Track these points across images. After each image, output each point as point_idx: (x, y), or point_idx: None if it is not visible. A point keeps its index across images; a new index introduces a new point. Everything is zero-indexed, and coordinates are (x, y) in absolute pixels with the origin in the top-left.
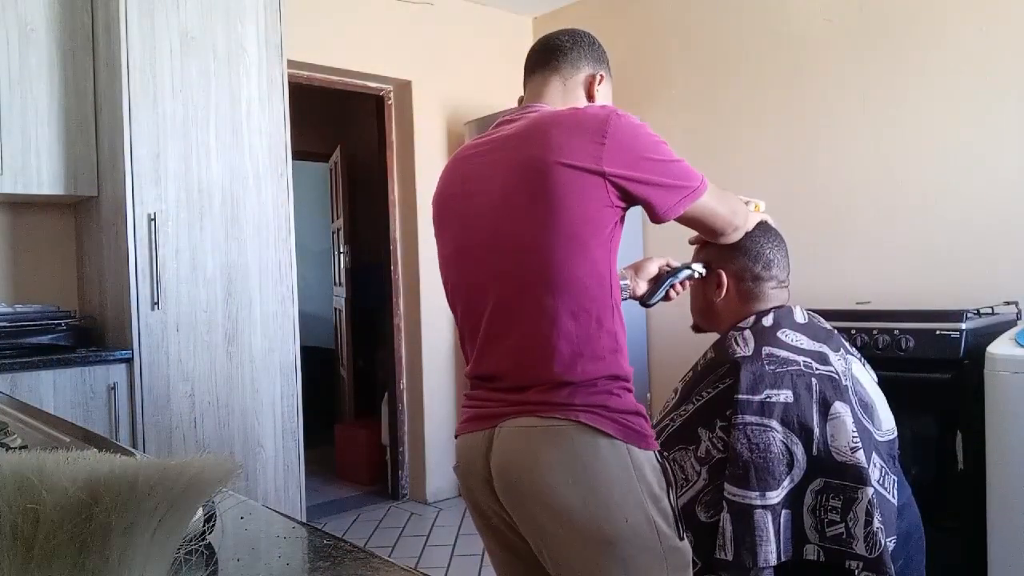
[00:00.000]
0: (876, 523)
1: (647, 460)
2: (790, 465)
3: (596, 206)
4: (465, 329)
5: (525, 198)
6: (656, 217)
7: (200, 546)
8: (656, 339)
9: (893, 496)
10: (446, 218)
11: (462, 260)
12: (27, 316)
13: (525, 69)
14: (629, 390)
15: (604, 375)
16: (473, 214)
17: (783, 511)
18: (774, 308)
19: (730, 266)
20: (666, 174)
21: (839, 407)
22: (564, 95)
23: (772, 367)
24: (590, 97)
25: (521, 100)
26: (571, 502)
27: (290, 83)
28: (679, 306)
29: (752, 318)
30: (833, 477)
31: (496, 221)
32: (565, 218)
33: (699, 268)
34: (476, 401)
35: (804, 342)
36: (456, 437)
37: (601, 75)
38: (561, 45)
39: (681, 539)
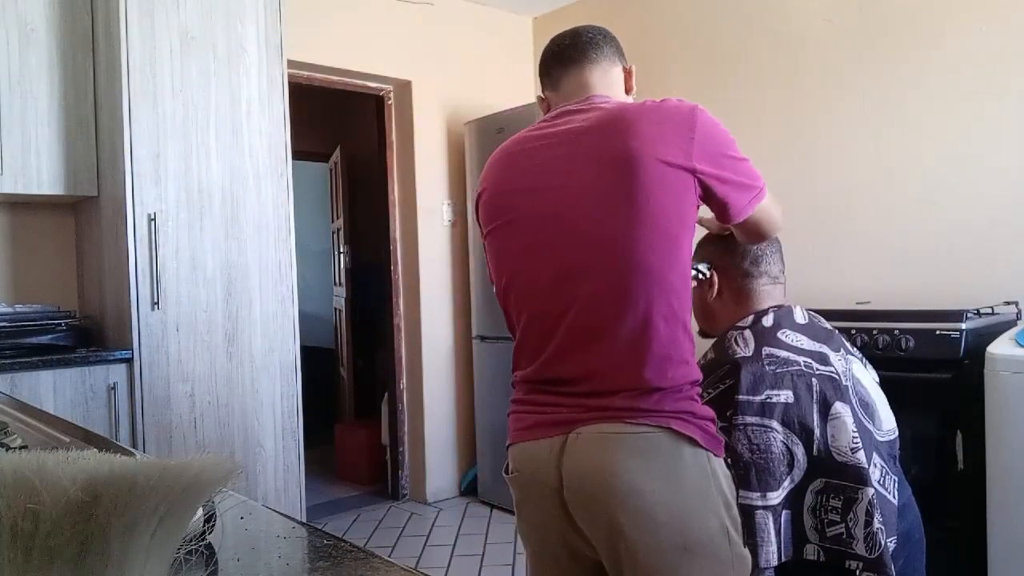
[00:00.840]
0: (876, 523)
1: (720, 467)
2: (790, 465)
3: (685, 204)
4: (532, 331)
5: (616, 194)
6: (729, 217)
7: (200, 546)
8: None
9: (894, 496)
10: (508, 214)
11: (535, 258)
12: (27, 316)
13: (554, 63)
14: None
15: (688, 380)
16: (550, 210)
17: (783, 511)
18: (773, 308)
19: (719, 264)
20: (741, 172)
21: (839, 407)
22: (607, 87)
23: (772, 367)
24: (628, 90)
25: (543, 99)
26: (658, 509)
27: (290, 83)
28: None
29: (751, 318)
30: (833, 477)
31: (582, 218)
32: (660, 216)
33: (703, 268)
34: (540, 407)
35: (804, 342)
36: (512, 444)
37: (633, 68)
38: (594, 39)
39: (744, 546)
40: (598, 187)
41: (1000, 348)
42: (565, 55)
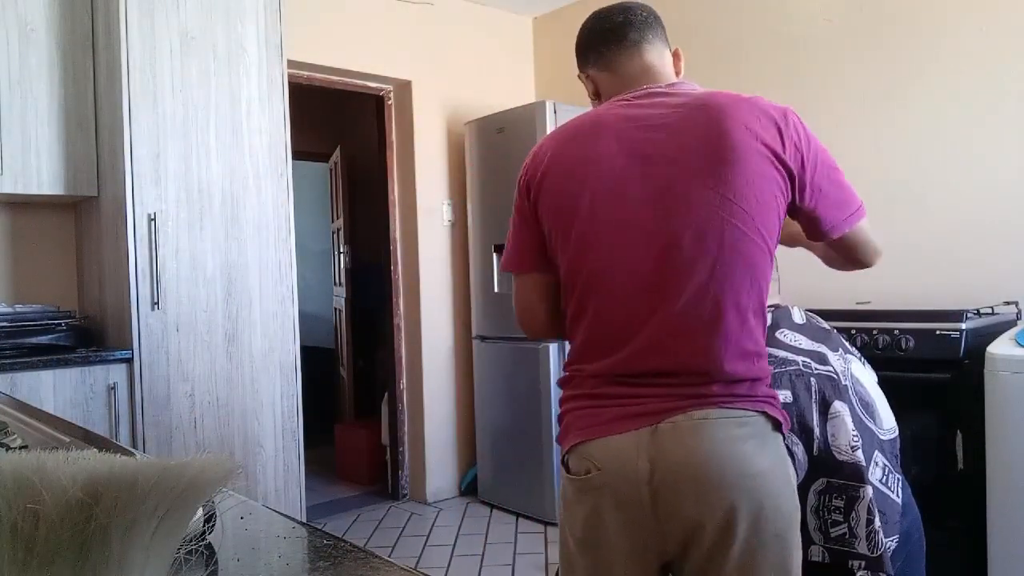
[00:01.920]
0: (876, 522)
1: (786, 452)
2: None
3: (780, 201)
4: (613, 321)
5: (723, 186)
6: (819, 232)
7: (200, 546)
8: None
9: (897, 495)
10: (594, 198)
11: (627, 249)
12: (27, 316)
13: (604, 42)
14: None
15: (768, 372)
16: (648, 198)
17: None
18: (771, 308)
19: None
20: (839, 186)
21: (839, 406)
22: (668, 72)
23: (771, 367)
24: (677, 74)
25: (587, 78)
26: (771, 490)
27: (290, 83)
28: None
29: None
30: (835, 476)
31: (687, 209)
32: (764, 211)
33: None
34: (620, 399)
35: (803, 342)
36: (582, 443)
37: (680, 51)
38: (648, 19)
39: None
40: (701, 176)
41: (1000, 348)
42: (620, 34)
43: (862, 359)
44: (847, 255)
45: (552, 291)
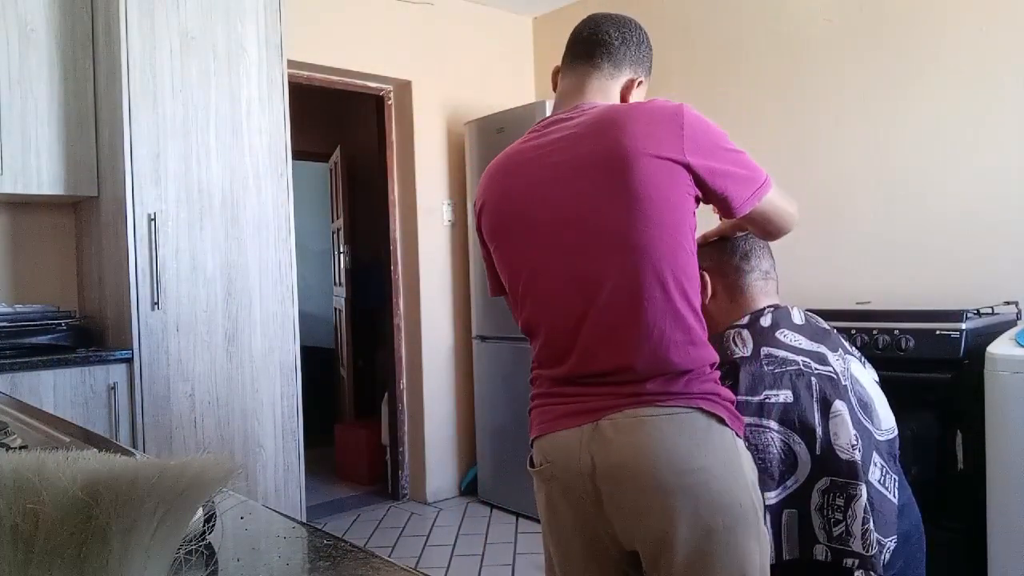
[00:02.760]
0: (871, 522)
1: (743, 447)
2: (793, 465)
3: (684, 197)
4: (556, 332)
5: (618, 193)
6: (730, 210)
7: (200, 546)
8: None
9: (894, 495)
10: (515, 227)
11: (551, 263)
12: (27, 316)
13: (568, 51)
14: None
15: (708, 362)
16: (557, 218)
17: (785, 511)
18: (770, 308)
19: (709, 266)
20: (739, 164)
21: (839, 405)
22: (604, 94)
23: (771, 367)
24: (623, 100)
25: (556, 72)
26: (710, 485)
27: (290, 83)
28: None
29: (748, 317)
30: (838, 475)
31: (591, 220)
32: (664, 209)
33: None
34: (568, 398)
35: (803, 342)
36: (538, 437)
37: (640, 80)
38: (609, 41)
39: (764, 525)
40: (600, 189)
41: (1000, 348)
42: (577, 48)
43: (862, 359)
44: (762, 228)
45: None
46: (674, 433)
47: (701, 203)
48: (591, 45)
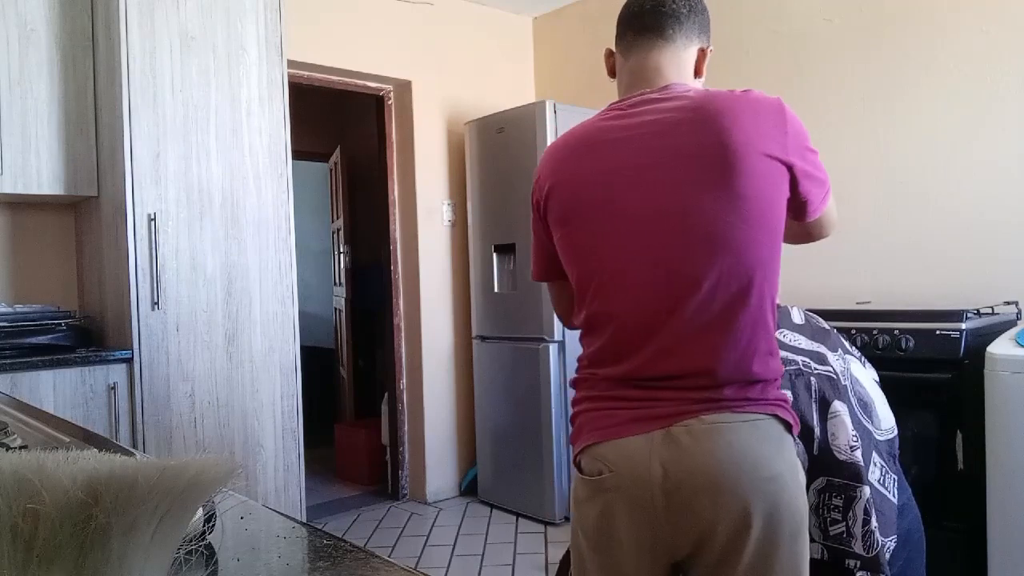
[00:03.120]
0: (873, 522)
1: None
2: None
3: (783, 199)
4: (627, 327)
5: (723, 188)
6: (807, 215)
7: (200, 546)
8: None
9: (894, 495)
10: (597, 211)
11: (636, 253)
12: (27, 316)
13: (628, 28)
14: None
15: (780, 372)
16: (653, 206)
17: None
18: None
19: None
20: (818, 167)
21: (838, 406)
22: (678, 71)
23: None
24: (698, 74)
25: (610, 54)
26: (773, 496)
27: (290, 83)
28: None
29: None
30: (835, 476)
31: (692, 214)
32: (768, 210)
33: None
34: (633, 401)
35: (803, 342)
36: (596, 444)
37: (711, 49)
38: (677, 10)
39: None
40: (705, 181)
41: (1000, 348)
42: (643, 22)
43: (862, 359)
44: (817, 232)
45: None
46: (755, 440)
47: None
48: (659, 17)
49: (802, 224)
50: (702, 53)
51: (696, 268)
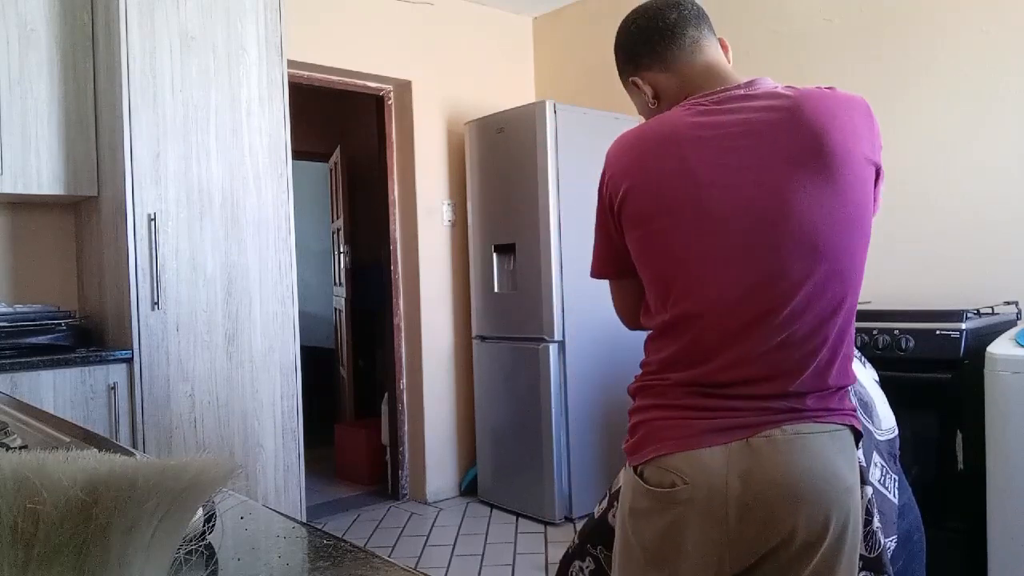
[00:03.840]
0: (875, 523)
1: None
2: None
3: (871, 202)
4: (708, 331)
5: (830, 193)
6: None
7: (200, 546)
8: None
9: (894, 495)
10: (685, 209)
11: (725, 261)
12: (27, 316)
13: (661, 40)
14: None
15: (855, 378)
16: (749, 207)
17: None
18: None
19: None
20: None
21: None
22: (725, 64)
23: None
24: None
25: (635, 83)
26: (847, 506)
27: (290, 83)
28: None
29: None
30: None
31: (794, 217)
32: (866, 217)
33: None
34: (710, 411)
35: None
36: (667, 455)
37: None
38: (697, 11)
39: None
40: (802, 184)
41: (1000, 348)
42: (677, 31)
43: (862, 359)
44: None
45: (642, 293)
46: (835, 451)
47: None
48: (689, 20)
49: None
50: (724, 46)
51: (793, 275)
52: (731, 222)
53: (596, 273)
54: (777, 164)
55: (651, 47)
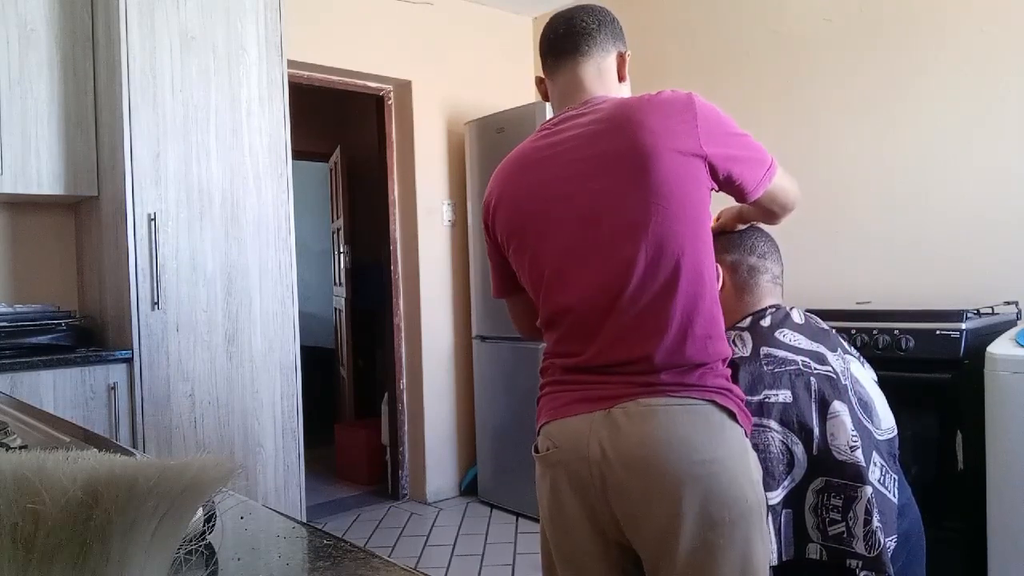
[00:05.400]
0: (875, 522)
1: (750, 445)
2: (790, 465)
3: (703, 188)
4: (577, 325)
5: (641, 188)
6: (744, 196)
7: (200, 546)
8: None
9: (894, 495)
10: (536, 224)
11: (576, 261)
12: (27, 316)
13: (548, 54)
14: None
15: (722, 356)
16: (581, 215)
17: (783, 511)
18: (771, 309)
19: (725, 258)
20: (748, 148)
21: (838, 406)
22: (601, 81)
23: (770, 367)
24: (621, 78)
25: (541, 81)
26: (721, 477)
27: (290, 83)
28: None
29: (749, 319)
30: (834, 476)
31: (614, 216)
32: (686, 204)
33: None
34: (581, 385)
35: (803, 342)
36: (548, 423)
37: (628, 53)
38: (587, 27)
39: (767, 525)
40: (623, 185)
41: (1000, 348)
42: (559, 46)
43: (861, 359)
44: (768, 210)
45: (531, 305)
46: (687, 424)
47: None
48: (573, 37)
49: (752, 204)
50: (621, 58)
51: (624, 265)
52: (567, 227)
53: (495, 294)
54: (600, 169)
55: (544, 56)
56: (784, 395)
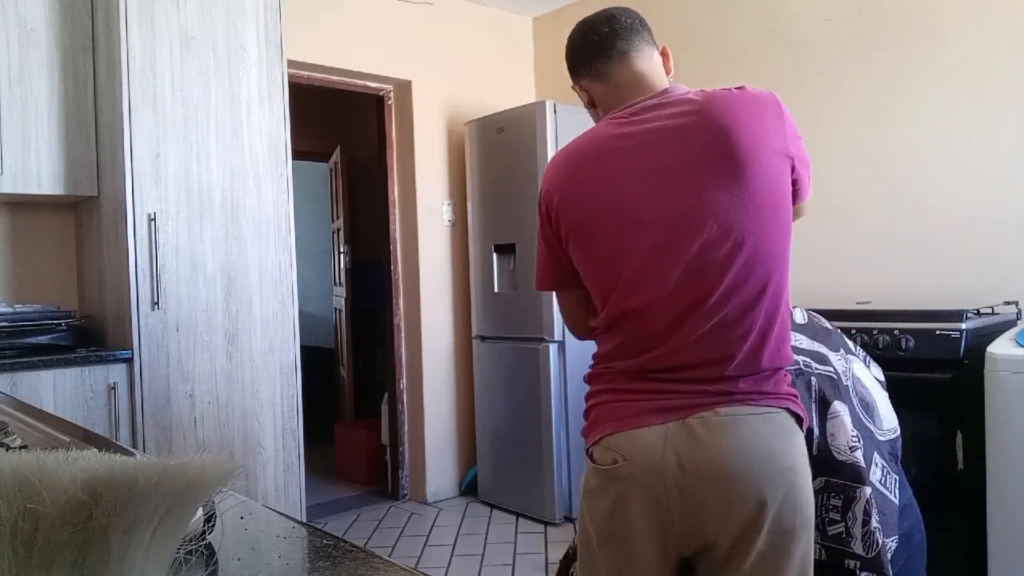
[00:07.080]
0: (874, 522)
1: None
2: None
3: (789, 191)
4: (648, 323)
5: (741, 188)
6: (800, 198)
7: (200, 546)
8: None
9: (895, 496)
10: (612, 217)
11: (658, 261)
12: (27, 316)
13: (594, 54)
14: None
15: (791, 360)
16: (670, 209)
17: None
18: None
19: None
20: (804, 151)
21: (838, 406)
22: (658, 74)
23: None
24: (667, 73)
25: (582, 90)
26: (786, 487)
27: (290, 83)
28: None
29: None
30: (833, 476)
31: (707, 217)
32: (781, 205)
33: None
34: (650, 394)
35: (803, 342)
36: (610, 435)
37: (668, 49)
38: (632, 24)
39: None
40: (715, 182)
41: (1000, 348)
42: (607, 45)
43: (866, 359)
44: (800, 213)
45: (587, 300)
46: (767, 432)
47: None
48: (621, 35)
49: (796, 208)
50: (665, 55)
51: (715, 266)
52: (654, 224)
53: (541, 285)
54: (689, 165)
55: (584, 60)
56: None
